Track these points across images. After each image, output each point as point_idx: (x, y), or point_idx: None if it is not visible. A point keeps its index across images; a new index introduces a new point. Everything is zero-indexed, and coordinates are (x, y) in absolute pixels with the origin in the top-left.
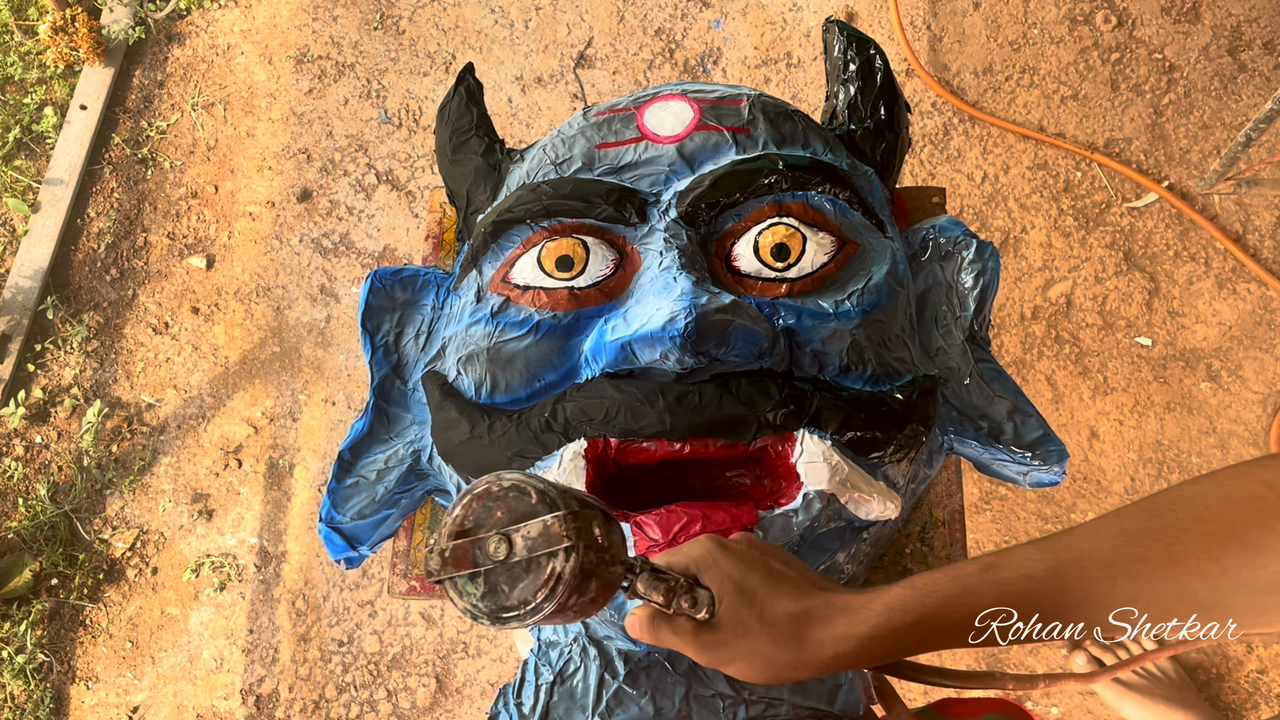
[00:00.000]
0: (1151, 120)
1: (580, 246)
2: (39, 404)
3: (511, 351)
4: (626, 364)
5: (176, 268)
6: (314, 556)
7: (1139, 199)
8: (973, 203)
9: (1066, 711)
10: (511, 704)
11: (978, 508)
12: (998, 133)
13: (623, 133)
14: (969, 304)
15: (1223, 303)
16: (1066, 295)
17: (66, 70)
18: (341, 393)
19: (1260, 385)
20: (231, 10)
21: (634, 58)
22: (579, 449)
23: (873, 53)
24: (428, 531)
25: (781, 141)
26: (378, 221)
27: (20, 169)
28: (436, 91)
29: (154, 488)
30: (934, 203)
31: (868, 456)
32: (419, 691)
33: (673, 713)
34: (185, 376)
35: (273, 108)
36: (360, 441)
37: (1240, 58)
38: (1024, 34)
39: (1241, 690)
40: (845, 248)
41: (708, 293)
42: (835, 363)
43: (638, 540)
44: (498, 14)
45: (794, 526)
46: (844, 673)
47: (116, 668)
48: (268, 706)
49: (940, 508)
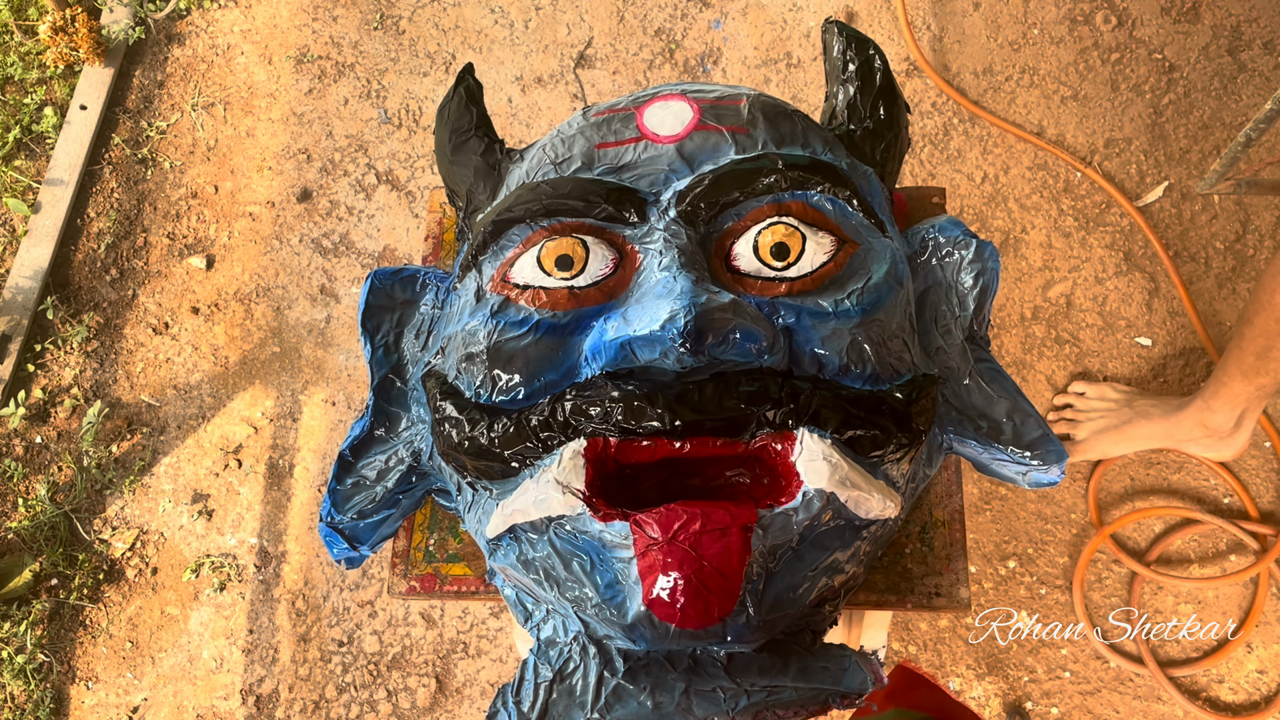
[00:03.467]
0: (1151, 120)
1: (580, 246)
2: (39, 404)
3: (511, 350)
4: (626, 363)
5: (176, 268)
6: (314, 556)
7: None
8: (973, 203)
9: (1066, 711)
10: (510, 703)
11: (978, 508)
12: (998, 133)
13: (622, 132)
14: (969, 304)
15: (1222, 302)
16: (1066, 295)
17: (66, 70)
18: (341, 393)
19: None
20: (231, 10)
21: (634, 58)
22: (578, 448)
23: (872, 53)
24: (428, 531)
25: (781, 141)
26: (378, 221)
27: (20, 169)
28: (436, 91)
29: (154, 488)
30: (934, 203)
31: (867, 455)
32: (419, 692)
33: (672, 707)
34: (185, 376)
35: (273, 108)
36: (361, 441)
37: (1240, 58)
38: (1024, 34)
39: (1241, 690)
40: (845, 247)
41: (707, 292)
42: (835, 362)
43: (637, 539)
44: (498, 14)
45: (794, 525)
46: (850, 652)
47: (116, 668)
48: (268, 706)
49: (940, 508)
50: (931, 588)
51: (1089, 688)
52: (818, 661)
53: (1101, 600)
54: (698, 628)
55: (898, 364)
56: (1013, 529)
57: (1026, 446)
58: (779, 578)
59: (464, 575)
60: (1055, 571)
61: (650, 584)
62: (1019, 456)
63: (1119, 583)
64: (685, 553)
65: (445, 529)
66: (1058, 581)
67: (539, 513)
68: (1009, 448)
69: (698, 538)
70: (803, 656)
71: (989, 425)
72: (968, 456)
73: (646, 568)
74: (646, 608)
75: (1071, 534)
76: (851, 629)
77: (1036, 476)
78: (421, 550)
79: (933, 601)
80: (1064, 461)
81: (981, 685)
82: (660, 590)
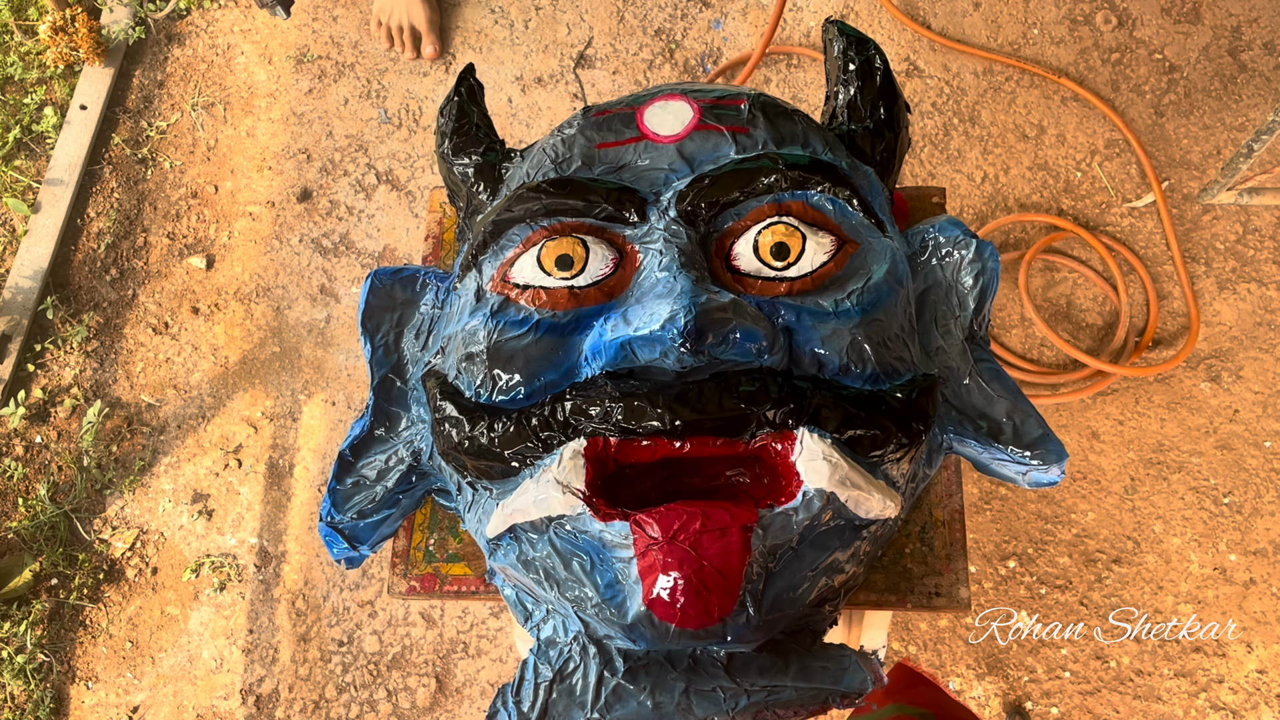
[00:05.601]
0: (1152, 120)
1: (580, 245)
2: (39, 404)
3: (511, 350)
4: (626, 363)
5: (176, 268)
6: (314, 556)
7: (1139, 199)
8: (973, 203)
9: (1066, 711)
10: (510, 703)
11: (978, 508)
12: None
13: (622, 132)
14: (968, 304)
15: (1223, 303)
16: (1066, 296)
17: (66, 70)
18: (341, 393)
19: (1260, 385)
20: (231, 10)
21: (634, 58)
22: (578, 447)
23: (872, 53)
24: (428, 531)
25: (781, 141)
26: (378, 221)
27: (20, 169)
28: (436, 91)
29: (154, 488)
30: (934, 203)
31: (867, 455)
32: (419, 691)
33: (672, 707)
34: (185, 376)
35: (273, 108)
36: (361, 441)
37: (1240, 58)
38: (1024, 34)
39: (1241, 690)
40: (845, 247)
41: (707, 291)
42: (835, 361)
43: (637, 538)
44: (498, 14)
45: (794, 525)
46: (850, 652)
47: (116, 668)
48: (268, 706)
49: (940, 508)
50: (931, 588)
51: (1089, 688)
52: (818, 661)
53: (1101, 600)
54: (698, 628)
55: (898, 364)
56: (1013, 529)
57: (1026, 446)
58: (779, 578)
59: (464, 575)
60: (1055, 571)
61: (650, 584)
62: (1019, 456)
63: (1118, 582)
64: (685, 553)
65: (445, 529)
66: (1058, 581)
67: (539, 512)
68: (1009, 448)
69: (698, 537)
70: (803, 656)
71: (989, 425)
72: (968, 456)
73: (646, 567)
74: (646, 607)
75: (1071, 534)
76: (851, 629)
77: (1036, 476)
78: (421, 550)
79: (933, 601)
80: (1064, 461)
81: (981, 685)
82: (660, 590)
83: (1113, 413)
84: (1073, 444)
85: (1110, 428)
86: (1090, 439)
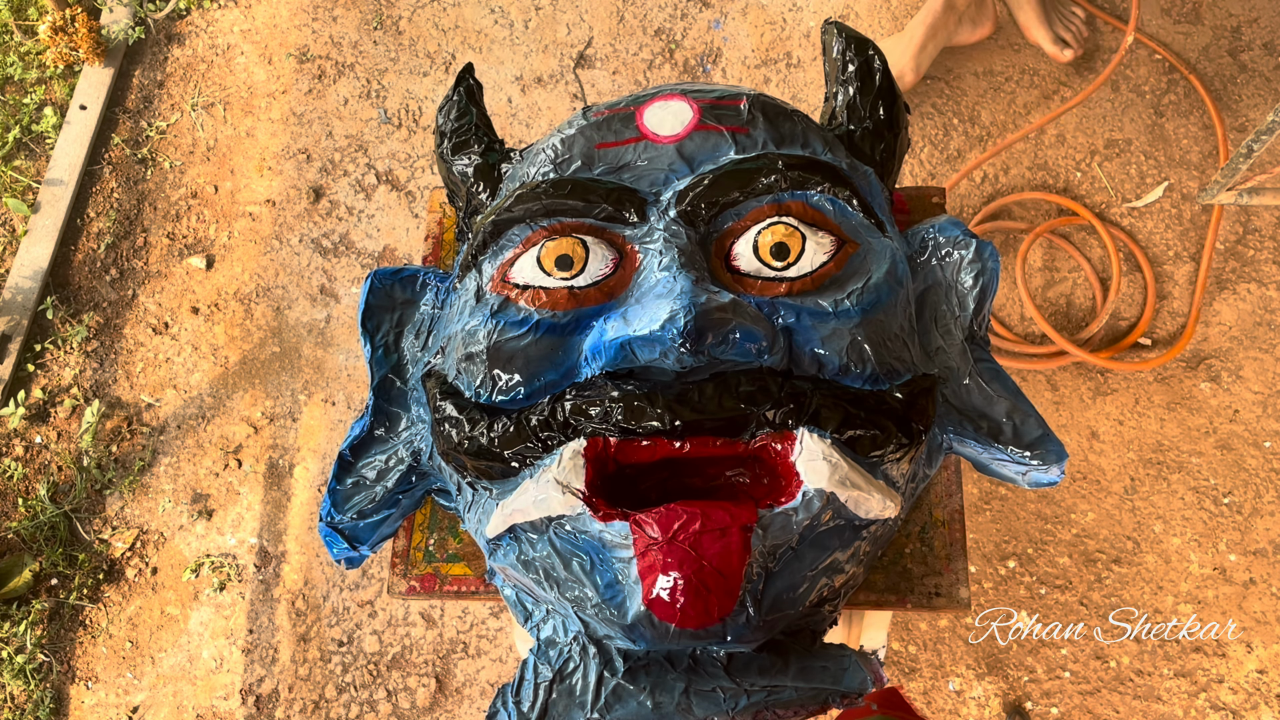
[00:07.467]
0: (1151, 120)
1: (580, 246)
2: (39, 404)
3: (511, 350)
4: (626, 363)
5: (176, 268)
6: (314, 556)
7: (1139, 199)
8: (973, 203)
9: (1066, 711)
10: (510, 703)
11: (978, 508)
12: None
13: (622, 132)
14: (968, 304)
15: (1223, 303)
16: (1066, 295)
17: (66, 70)
18: (341, 393)
19: (1260, 385)
20: (231, 10)
21: (634, 58)
22: (578, 447)
23: (871, 53)
24: (428, 531)
25: (781, 141)
26: (378, 221)
27: (20, 169)
28: (436, 91)
29: (154, 488)
30: (934, 203)
31: (867, 455)
32: (419, 691)
33: (672, 707)
34: (185, 376)
35: (273, 108)
36: (361, 441)
37: (1240, 58)
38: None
39: (1241, 690)
40: (845, 247)
41: (707, 292)
42: (835, 361)
43: (637, 538)
44: (498, 14)
45: (794, 525)
46: (850, 652)
47: (116, 668)
48: (268, 706)
49: (940, 508)
50: (931, 588)
51: (1089, 688)
52: (818, 661)
53: (1101, 600)
54: (698, 628)
55: (898, 364)
56: (1013, 529)
57: (1026, 446)
58: (779, 578)
59: (464, 575)
60: (1055, 571)
61: (650, 584)
62: (1019, 456)
63: (1118, 582)
64: (685, 553)
65: (445, 529)
66: (1058, 581)
67: (539, 512)
68: (1009, 448)
69: (698, 538)
70: (803, 656)
71: (989, 425)
72: (968, 456)
73: (646, 568)
74: (646, 607)
75: (1071, 534)
76: (851, 629)
77: (1036, 476)
78: (421, 550)
79: (933, 601)
80: (1064, 461)
81: (981, 685)
82: (660, 590)
83: (1112, 413)
84: (1073, 444)
85: (1110, 428)
86: (1090, 439)
